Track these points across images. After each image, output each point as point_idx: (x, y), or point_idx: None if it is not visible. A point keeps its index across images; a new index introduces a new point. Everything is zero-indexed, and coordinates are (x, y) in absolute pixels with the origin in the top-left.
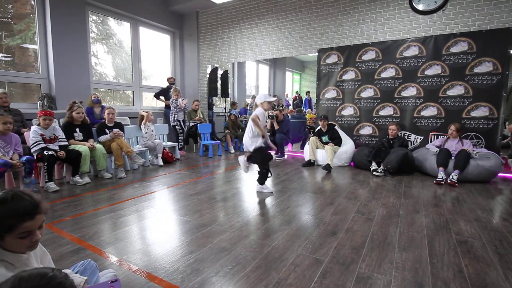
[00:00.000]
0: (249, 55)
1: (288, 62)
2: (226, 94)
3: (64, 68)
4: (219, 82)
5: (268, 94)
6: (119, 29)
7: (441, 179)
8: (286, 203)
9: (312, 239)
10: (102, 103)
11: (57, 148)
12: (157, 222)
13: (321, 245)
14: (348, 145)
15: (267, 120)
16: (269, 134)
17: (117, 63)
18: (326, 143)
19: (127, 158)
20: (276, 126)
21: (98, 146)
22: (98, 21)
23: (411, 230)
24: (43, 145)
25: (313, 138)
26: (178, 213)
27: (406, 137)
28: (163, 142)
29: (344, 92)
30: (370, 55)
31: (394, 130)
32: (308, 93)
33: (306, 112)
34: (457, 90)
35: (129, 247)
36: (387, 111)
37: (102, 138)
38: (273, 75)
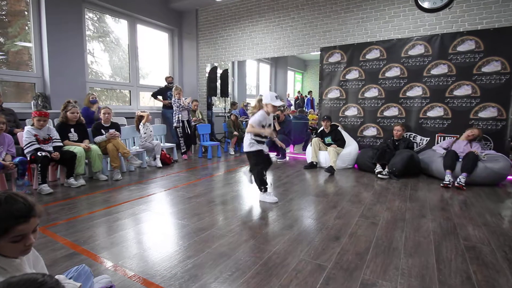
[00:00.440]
0: (249, 54)
1: (289, 61)
2: (225, 94)
3: (59, 66)
4: (219, 81)
5: (276, 96)
6: (116, 26)
7: (448, 182)
8: (288, 207)
9: (314, 244)
10: (99, 104)
11: (51, 149)
12: (154, 226)
13: (323, 250)
14: (351, 146)
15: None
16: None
17: (114, 62)
18: (329, 145)
19: (123, 159)
20: (277, 127)
21: (94, 147)
22: (95, 18)
23: (417, 235)
24: (37, 146)
25: (315, 140)
26: (176, 216)
27: (411, 138)
28: (161, 143)
29: (347, 92)
30: (374, 54)
31: (399, 131)
32: (310, 93)
33: (308, 112)
34: (464, 90)
35: (125, 252)
36: (392, 112)
37: (98, 138)
38: (274, 75)
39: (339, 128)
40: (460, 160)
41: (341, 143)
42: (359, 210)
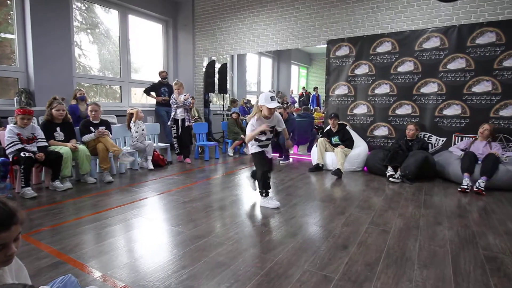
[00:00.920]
0: (250, 47)
1: (293, 55)
2: (224, 90)
3: (44, 60)
4: (217, 76)
5: (272, 96)
6: (106, 17)
7: (466, 187)
8: (291, 213)
9: (320, 254)
10: (87, 101)
11: (35, 149)
12: (146, 233)
13: (330, 260)
14: (361, 147)
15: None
16: (272, 135)
17: (103, 55)
18: (336, 145)
19: (113, 158)
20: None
21: (81, 147)
22: (83, 8)
23: (433, 244)
24: (20, 146)
25: (321, 140)
26: (169, 222)
27: (426, 138)
28: (154, 143)
29: (356, 88)
30: (385, 47)
31: (412, 130)
32: (316, 89)
33: (313, 110)
34: (483, 86)
35: (114, 261)
36: (405, 110)
37: (86, 137)
38: (277, 69)
39: (347, 127)
40: (479, 162)
41: (349, 144)
42: (369, 216)
